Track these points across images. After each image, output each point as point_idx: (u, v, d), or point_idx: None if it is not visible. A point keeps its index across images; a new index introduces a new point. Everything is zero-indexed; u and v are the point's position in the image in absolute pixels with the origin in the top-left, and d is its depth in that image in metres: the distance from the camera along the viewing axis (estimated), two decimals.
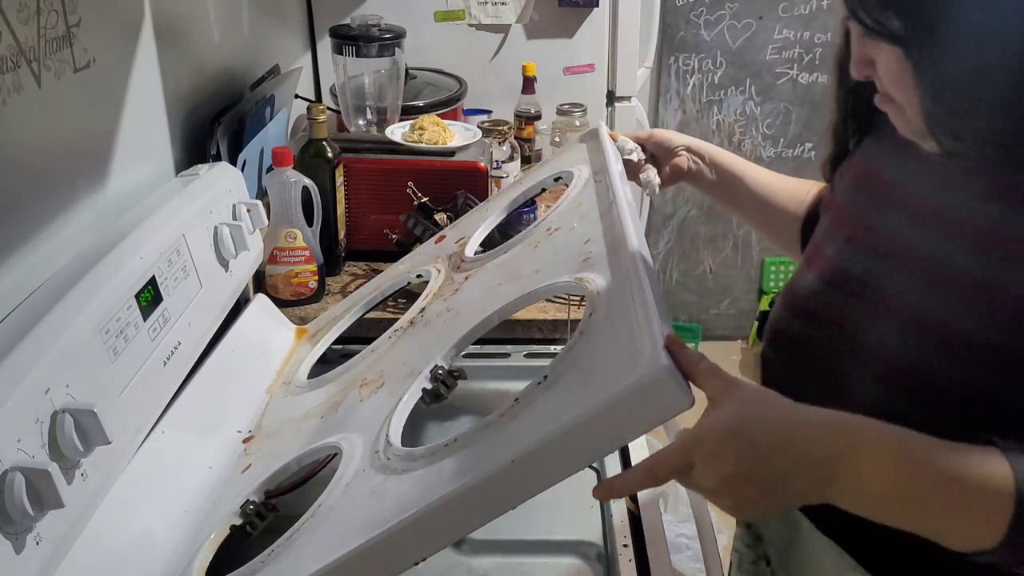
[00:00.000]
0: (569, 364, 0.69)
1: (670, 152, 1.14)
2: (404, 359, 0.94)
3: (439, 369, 0.86)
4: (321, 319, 1.25)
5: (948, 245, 0.72)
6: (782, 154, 2.98)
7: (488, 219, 1.17)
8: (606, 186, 0.97)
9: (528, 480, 0.62)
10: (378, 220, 1.46)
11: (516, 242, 1.04)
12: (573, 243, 0.91)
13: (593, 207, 0.96)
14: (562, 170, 1.14)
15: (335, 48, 1.70)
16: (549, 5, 2.05)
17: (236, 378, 1.08)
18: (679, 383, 0.58)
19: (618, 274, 0.77)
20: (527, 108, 1.93)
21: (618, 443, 0.66)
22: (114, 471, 0.81)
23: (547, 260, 0.93)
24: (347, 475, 0.78)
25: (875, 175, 0.83)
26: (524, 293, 0.87)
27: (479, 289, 0.99)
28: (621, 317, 0.70)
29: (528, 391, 0.69)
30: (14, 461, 0.66)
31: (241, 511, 0.85)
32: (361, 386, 0.95)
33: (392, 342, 1.02)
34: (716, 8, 2.84)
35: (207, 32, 1.44)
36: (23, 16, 0.87)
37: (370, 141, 1.59)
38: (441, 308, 1.00)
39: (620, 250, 0.80)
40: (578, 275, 0.82)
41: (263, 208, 1.16)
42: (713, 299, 3.18)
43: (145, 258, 0.91)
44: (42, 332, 0.75)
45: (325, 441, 0.87)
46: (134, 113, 1.14)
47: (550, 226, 1.01)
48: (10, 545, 0.66)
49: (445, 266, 1.13)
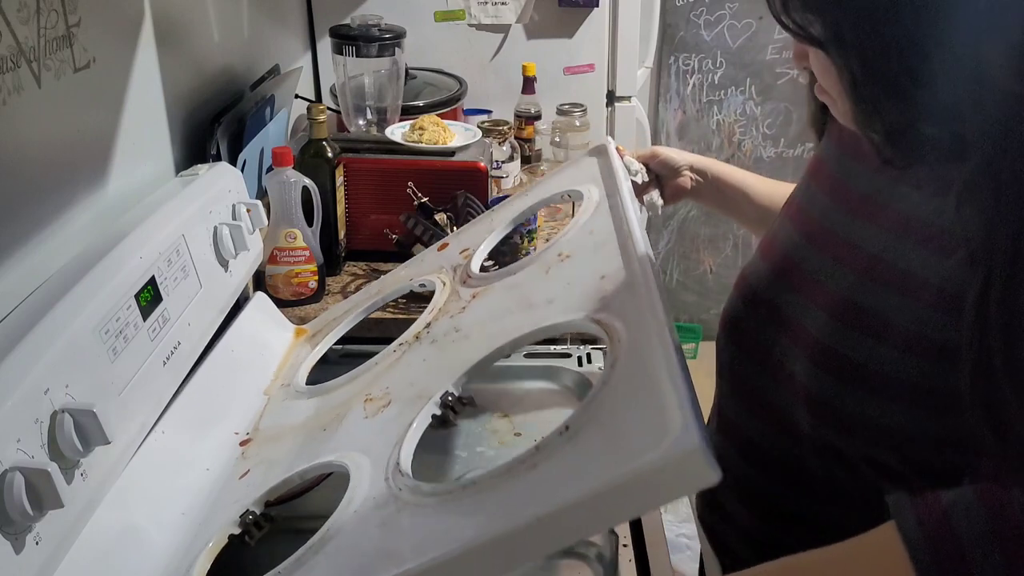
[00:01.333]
0: (592, 417, 0.69)
1: (674, 172, 1.15)
2: (411, 378, 0.93)
3: (449, 396, 0.85)
4: (320, 320, 1.25)
5: (879, 235, 0.73)
6: (782, 154, 2.98)
7: (494, 232, 1.17)
8: (620, 216, 0.97)
9: (550, 538, 0.62)
10: (378, 220, 1.46)
11: (525, 264, 1.03)
12: (587, 277, 0.90)
13: (607, 238, 0.95)
14: (571, 188, 1.13)
15: (335, 48, 1.70)
16: (549, 5, 2.05)
17: (234, 378, 1.07)
18: (709, 460, 0.58)
19: (639, 323, 0.75)
20: (527, 108, 1.94)
21: (643, 511, 0.66)
22: (114, 471, 0.81)
23: (560, 291, 0.92)
24: (355, 499, 0.77)
25: (822, 166, 0.85)
26: (538, 327, 0.86)
27: (488, 311, 0.98)
28: (647, 376, 0.69)
29: (549, 441, 0.68)
30: (14, 461, 0.66)
31: (240, 520, 0.85)
32: (366, 401, 0.94)
33: (397, 357, 1.01)
34: (716, 8, 2.83)
35: (207, 32, 1.44)
36: (23, 16, 0.87)
37: (370, 141, 1.59)
38: (448, 327, 0.99)
39: (638, 294, 0.79)
40: (595, 316, 0.81)
41: (263, 208, 1.16)
42: (713, 299, 3.18)
43: (145, 258, 0.91)
44: (42, 332, 0.75)
45: (329, 459, 0.86)
46: (134, 113, 1.14)
47: (561, 252, 1.00)
48: (10, 545, 0.66)
49: (450, 279, 1.12)
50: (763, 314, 0.83)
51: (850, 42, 0.64)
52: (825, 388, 0.73)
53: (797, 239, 0.83)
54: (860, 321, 0.72)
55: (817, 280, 0.77)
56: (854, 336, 0.72)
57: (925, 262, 0.68)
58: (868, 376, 0.70)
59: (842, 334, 0.73)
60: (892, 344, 0.69)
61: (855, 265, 0.74)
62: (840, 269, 0.75)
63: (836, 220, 0.78)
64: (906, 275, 0.69)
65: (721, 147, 3.01)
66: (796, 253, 0.82)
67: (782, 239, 0.85)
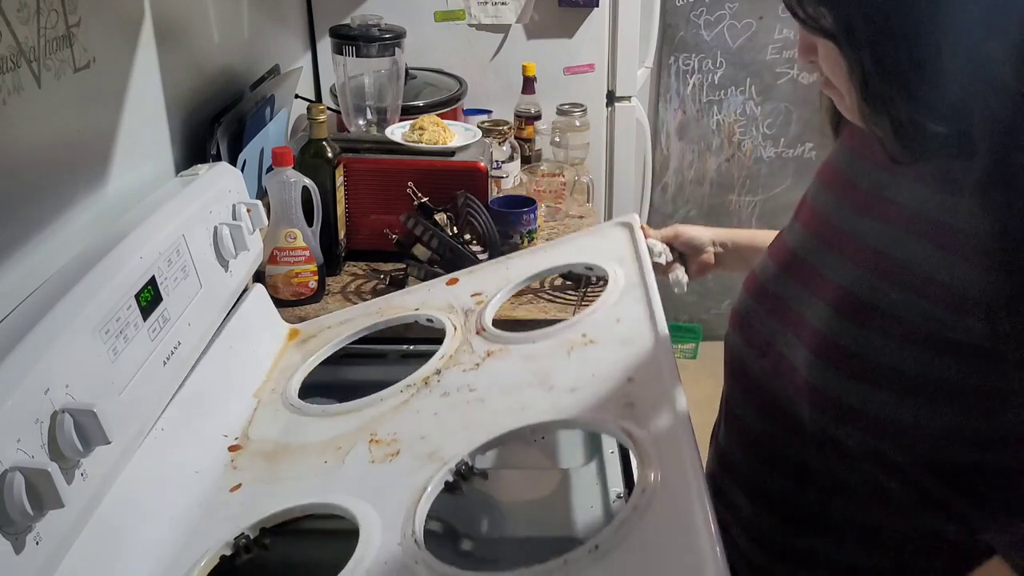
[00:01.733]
0: (621, 539, 0.70)
1: (697, 249, 1.19)
2: (421, 431, 0.92)
3: (464, 464, 0.85)
4: (315, 324, 1.25)
5: (884, 230, 0.74)
6: (782, 154, 2.98)
7: (509, 285, 1.17)
8: (648, 313, 1.00)
9: None
10: (378, 220, 1.46)
11: (545, 336, 1.03)
12: (614, 373, 0.91)
13: (634, 335, 0.97)
14: (595, 263, 1.15)
15: (335, 48, 1.70)
16: (549, 5, 2.05)
17: (228, 375, 1.07)
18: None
19: (673, 454, 0.77)
20: (527, 108, 1.94)
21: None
22: (114, 471, 0.81)
23: (585, 380, 0.92)
24: (366, 559, 0.76)
25: (830, 165, 0.86)
26: (562, 418, 0.87)
27: (505, 378, 0.97)
28: (681, 516, 0.70)
29: (578, 556, 0.69)
30: (14, 461, 0.66)
31: (235, 543, 0.83)
32: (371, 442, 0.93)
33: (404, 399, 1.00)
34: (716, 8, 2.83)
35: (207, 32, 1.44)
36: (23, 16, 0.87)
37: (370, 141, 1.59)
38: (461, 382, 0.99)
39: (675, 427, 0.80)
40: (625, 425, 0.82)
41: (263, 208, 1.16)
42: (713, 299, 3.18)
43: (145, 258, 0.91)
44: (42, 332, 0.75)
45: (333, 501, 0.85)
46: (134, 113, 1.14)
47: (585, 333, 1.00)
48: (10, 545, 0.66)
49: (461, 324, 1.11)
50: (768, 307, 0.84)
51: (861, 35, 0.65)
52: (825, 379, 0.74)
53: (804, 236, 0.83)
54: (861, 313, 0.72)
55: (822, 274, 0.78)
56: (854, 328, 0.72)
57: (930, 258, 0.69)
58: (867, 368, 0.71)
59: (843, 326, 0.73)
60: (892, 336, 0.69)
61: (859, 259, 0.75)
62: (844, 263, 0.76)
63: (843, 216, 0.79)
64: (910, 270, 0.70)
65: (721, 147, 3.01)
66: (803, 248, 0.83)
67: (790, 237, 0.86)
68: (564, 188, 1.72)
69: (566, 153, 1.93)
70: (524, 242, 1.49)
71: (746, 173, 3.03)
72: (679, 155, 3.02)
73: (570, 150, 1.93)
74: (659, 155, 2.99)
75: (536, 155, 1.95)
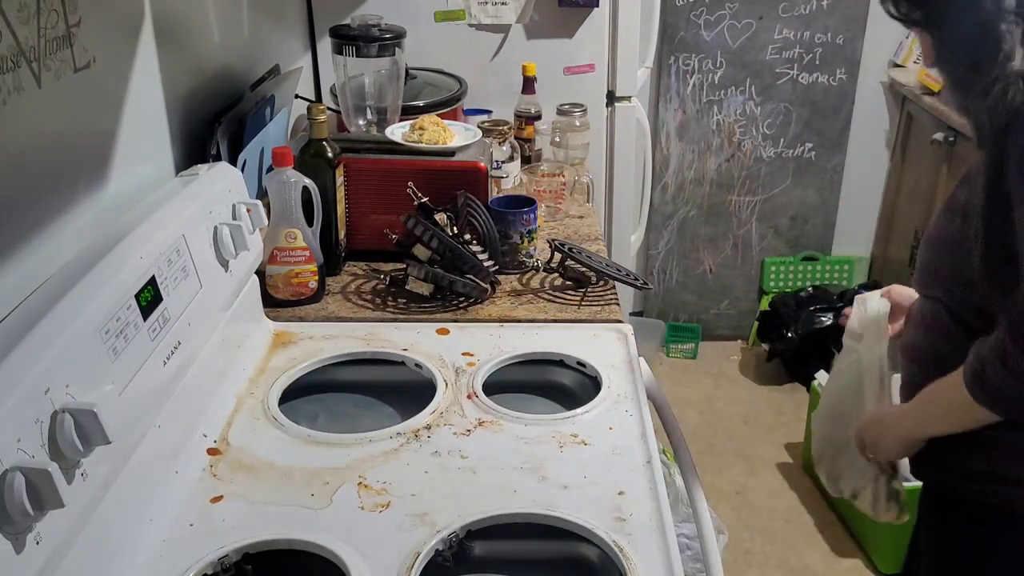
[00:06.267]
0: None
1: None
2: (412, 487, 0.96)
3: (454, 537, 0.88)
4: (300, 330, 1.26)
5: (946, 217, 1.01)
6: (782, 154, 2.97)
7: (503, 355, 1.21)
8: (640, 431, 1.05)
9: None
10: (378, 220, 1.46)
11: (537, 422, 1.08)
12: (605, 482, 0.96)
13: (625, 448, 1.02)
14: (588, 360, 1.19)
15: (335, 48, 1.70)
16: (549, 5, 2.05)
17: (211, 371, 1.07)
18: None
19: None
20: (527, 108, 1.93)
21: None
22: (114, 471, 0.81)
23: (576, 480, 0.97)
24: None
25: None
26: (555, 514, 0.91)
27: (497, 454, 1.02)
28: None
29: None
30: (14, 461, 0.66)
31: (218, 563, 0.84)
32: (360, 485, 0.95)
33: (394, 447, 1.02)
34: (716, 8, 2.83)
35: (207, 32, 1.44)
36: (23, 16, 0.87)
37: (370, 141, 1.59)
38: (452, 446, 1.03)
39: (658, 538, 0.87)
40: (614, 536, 0.87)
41: (263, 208, 1.16)
42: (713, 299, 3.18)
43: (145, 258, 0.91)
44: (42, 332, 0.75)
45: (321, 542, 0.86)
46: (134, 113, 1.14)
47: (577, 434, 1.05)
48: (10, 545, 0.66)
49: (453, 382, 1.14)
50: None
51: (939, 26, 0.87)
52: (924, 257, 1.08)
53: None
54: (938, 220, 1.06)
55: None
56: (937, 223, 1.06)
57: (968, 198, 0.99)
58: (935, 240, 1.05)
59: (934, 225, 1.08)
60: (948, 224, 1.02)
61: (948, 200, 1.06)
62: None
63: None
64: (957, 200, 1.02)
65: (721, 147, 3.01)
66: None
67: None
68: (564, 188, 1.72)
69: (566, 153, 1.93)
70: (524, 242, 1.49)
71: (746, 173, 3.03)
72: (679, 155, 3.01)
73: (570, 150, 1.93)
74: (659, 155, 2.99)
75: (536, 155, 1.95)
